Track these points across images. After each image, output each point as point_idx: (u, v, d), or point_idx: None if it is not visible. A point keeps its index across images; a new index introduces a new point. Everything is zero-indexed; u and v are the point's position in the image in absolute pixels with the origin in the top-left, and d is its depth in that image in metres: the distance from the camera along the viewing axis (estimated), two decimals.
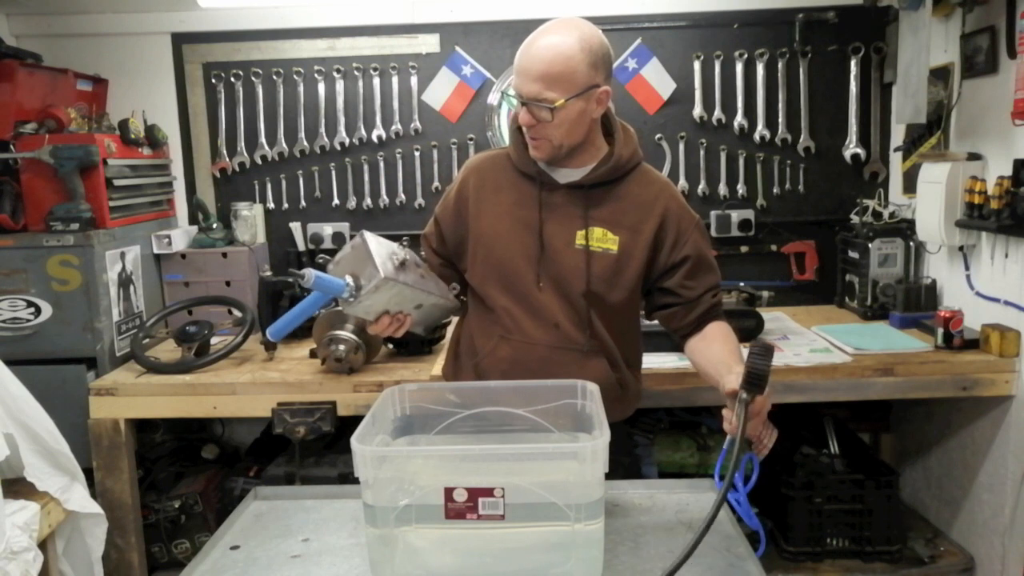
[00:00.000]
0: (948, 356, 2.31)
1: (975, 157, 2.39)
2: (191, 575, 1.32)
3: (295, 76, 3.03)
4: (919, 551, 2.47)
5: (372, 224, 3.02)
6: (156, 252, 2.86)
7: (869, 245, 2.75)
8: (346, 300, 1.44)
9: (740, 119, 2.98)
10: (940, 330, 2.35)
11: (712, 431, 2.76)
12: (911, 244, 2.76)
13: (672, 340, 1.80)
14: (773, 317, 2.76)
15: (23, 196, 2.55)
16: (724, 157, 3.01)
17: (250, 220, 2.98)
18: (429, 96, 3.03)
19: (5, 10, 2.91)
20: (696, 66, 2.96)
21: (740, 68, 2.96)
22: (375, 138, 3.04)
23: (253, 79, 3.03)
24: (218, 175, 3.09)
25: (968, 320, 2.35)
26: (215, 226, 2.98)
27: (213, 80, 3.04)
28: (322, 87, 3.03)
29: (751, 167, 3.02)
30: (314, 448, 2.50)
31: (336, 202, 3.09)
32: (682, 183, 3.01)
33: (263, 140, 3.07)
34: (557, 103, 1.52)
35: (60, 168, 2.48)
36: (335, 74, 3.02)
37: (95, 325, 2.49)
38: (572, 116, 1.55)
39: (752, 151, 3.01)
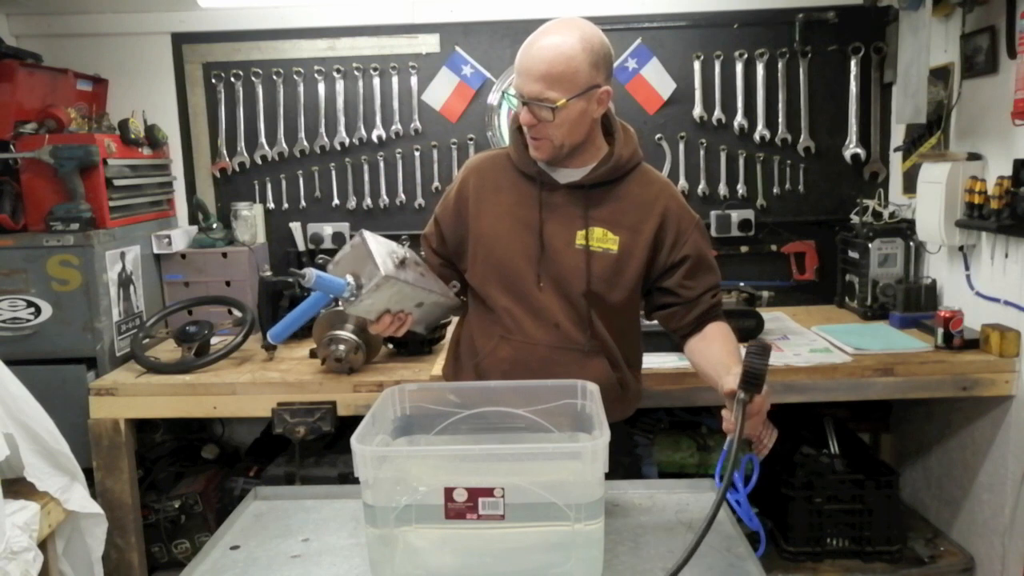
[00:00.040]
0: (948, 356, 2.31)
1: (975, 157, 2.39)
2: (191, 575, 1.32)
3: (295, 76, 3.03)
4: (919, 551, 2.48)
5: (372, 224, 3.02)
6: (156, 252, 2.87)
7: (869, 245, 2.75)
8: (347, 300, 1.44)
9: (740, 119, 2.98)
10: (940, 330, 2.35)
11: (712, 431, 2.76)
12: (911, 244, 2.76)
13: (672, 340, 1.80)
14: (773, 317, 2.76)
15: (23, 196, 2.55)
16: (724, 157, 3.01)
17: (250, 220, 2.98)
18: (429, 96, 3.03)
19: (5, 10, 2.91)
20: (696, 66, 2.96)
21: (740, 68, 2.96)
22: (375, 138, 3.04)
23: (253, 79, 3.03)
24: (218, 175, 3.09)
25: (968, 320, 2.36)
26: (215, 226, 2.98)
27: (213, 80, 3.04)
28: (322, 87, 3.03)
29: (751, 167, 3.02)
30: (314, 448, 2.50)
31: (336, 202, 3.09)
32: (682, 183, 3.01)
33: (263, 140, 3.07)
34: (558, 103, 1.52)
35: (60, 168, 2.48)
36: (335, 74, 3.02)
37: (95, 325, 2.49)
38: (573, 116, 1.55)
39: (752, 151, 3.01)
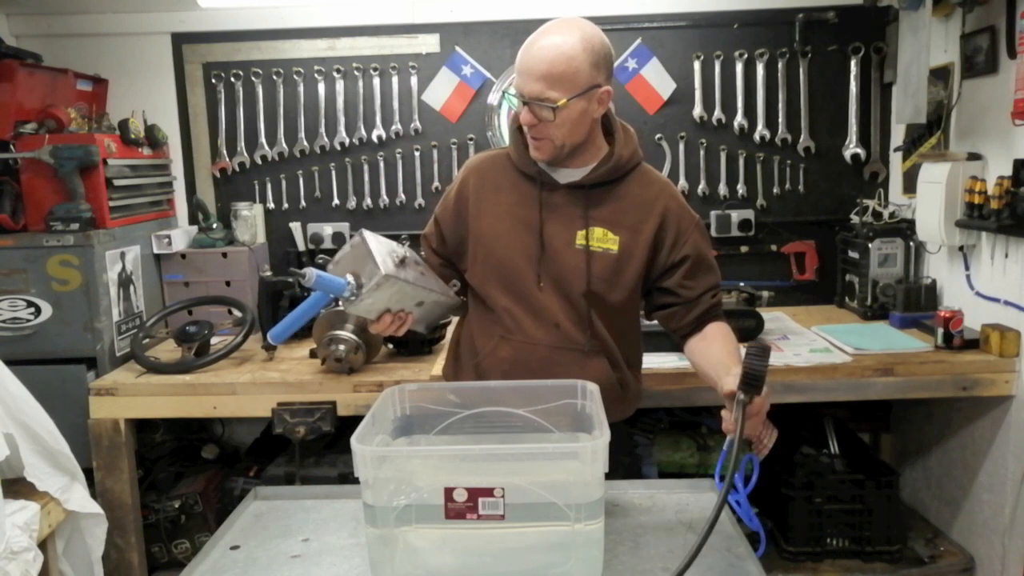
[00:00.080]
0: (948, 356, 2.31)
1: (975, 157, 2.39)
2: (191, 575, 1.32)
3: (295, 76, 3.03)
4: (919, 551, 2.47)
5: (372, 224, 3.02)
6: (156, 252, 2.86)
7: (869, 245, 2.75)
8: (347, 299, 1.44)
9: (740, 119, 2.98)
10: (940, 330, 2.35)
11: (712, 431, 2.76)
12: (911, 244, 2.76)
13: (672, 340, 1.80)
14: (773, 317, 2.76)
15: (23, 196, 2.55)
16: (724, 157, 3.01)
17: (250, 220, 2.98)
18: (429, 96, 3.03)
19: (5, 10, 2.92)
20: (696, 66, 2.96)
21: (740, 68, 2.96)
22: (375, 138, 3.04)
23: (253, 79, 3.03)
24: (218, 175, 3.09)
25: (968, 320, 2.35)
26: (215, 226, 2.98)
27: (213, 80, 3.04)
28: (322, 87, 3.03)
29: (751, 167, 3.02)
30: (314, 448, 2.50)
31: (336, 202, 3.09)
32: (682, 183, 3.01)
33: (263, 140, 3.07)
34: (559, 103, 1.52)
35: (60, 168, 2.48)
36: (335, 74, 3.02)
37: (95, 325, 2.49)
38: (574, 116, 1.55)
39: (752, 151, 3.01)
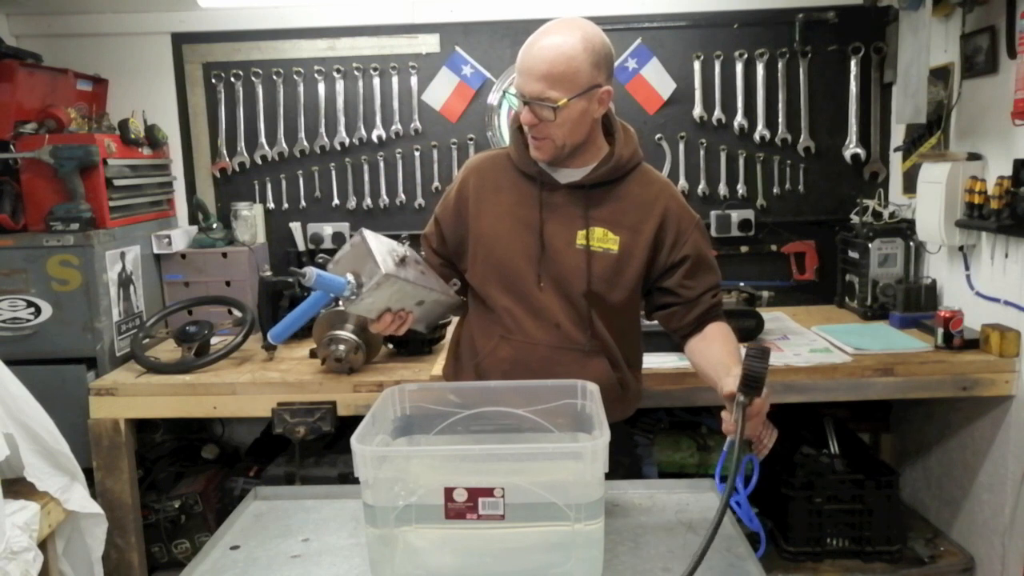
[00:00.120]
0: (948, 356, 2.31)
1: (975, 157, 2.39)
2: (191, 575, 1.32)
3: (295, 76, 3.03)
4: (919, 551, 2.47)
5: (372, 224, 3.02)
6: (156, 252, 2.86)
7: (869, 245, 2.75)
8: (347, 298, 1.44)
9: (740, 119, 2.97)
10: (940, 330, 2.35)
11: (712, 431, 2.76)
12: (911, 244, 2.76)
13: (672, 340, 1.80)
14: (773, 317, 2.76)
15: (23, 196, 2.55)
16: (724, 157, 3.01)
17: (250, 220, 2.98)
18: (429, 96, 3.03)
19: (5, 10, 2.91)
20: (696, 66, 2.96)
21: (740, 68, 2.96)
22: (375, 138, 3.04)
23: (253, 79, 3.03)
24: (218, 175, 3.09)
25: (968, 320, 2.35)
26: (215, 226, 2.97)
27: (213, 80, 3.04)
28: (322, 87, 3.03)
29: (751, 167, 3.02)
30: (314, 448, 2.50)
31: (336, 202, 3.09)
32: (682, 183, 3.01)
33: (263, 140, 3.07)
34: (560, 102, 1.52)
35: (60, 168, 2.48)
36: (335, 74, 3.02)
37: (95, 325, 2.49)
38: (574, 116, 1.55)
39: (752, 151, 3.01)
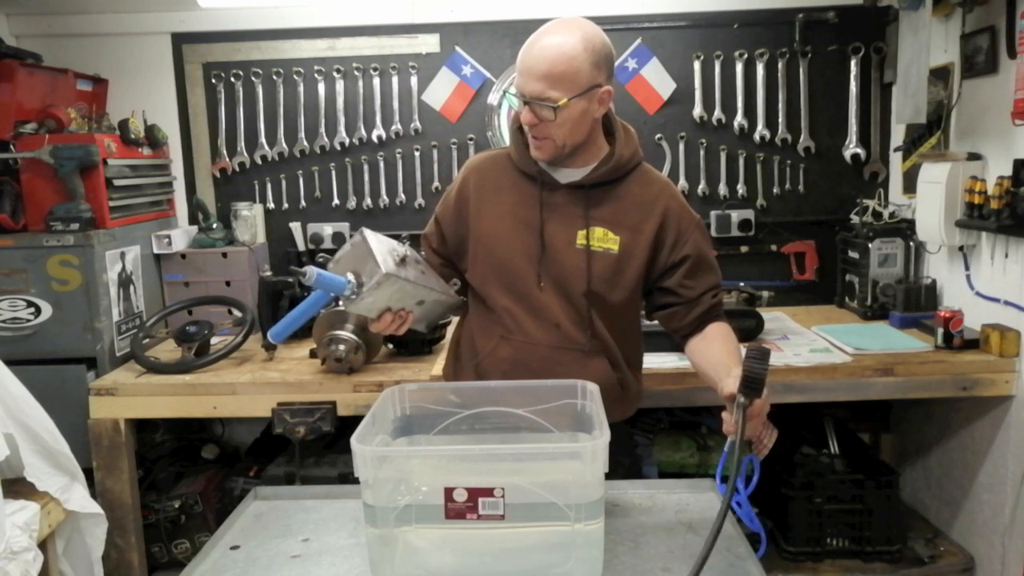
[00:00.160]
0: (948, 356, 2.31)
1: (975, 157, 2.39)
2: (191, 575, 1.32)
3: (295, 76, 3.03)
4: (919, 551, 2.47)
5: (372, 224, 2.99)
6: (156, 252, 2.86)
7: (869, 245, 2.75)
8: (348, 298, 1.44)
9: (740, 119, 2.97)
10: (940, 330, 2.35)
11: (712, 431, 2.76)
12: (911, 244, 2.76)
13: (672, 340, 1.80)
14: (773, 317, 2.75)
15: (23, 196, 2.55)
16: (724, 157, 3.01)
17: (250, 220, 2.98)
18: (429, 96, 3.02)
19: (5, 10, 2.91)
20: (696, 66, 2.96)
21: (740, 68, 2.96)
22: (375, 138, 3.04)
23: (253, 79, 3.03)
24: (218, 175, 3.09)
25: (968, 320, 2.35)
26: (215, 226, 2.97)
27: (213, 80, 3.04)
28: (322, 87, 3.03)
29: (751, 167, 3.02)
30: (314, 448, 2.50)
31: (336, 202, 3.09)
32: (682, 183, 3.01)
33: (263, 140, 3.07)
34: (560, 102, 1.52)
35: (60, 168, 2.48)
36: (335, 74, 3.02)
37: (95, 325, 2.49)
38: (575, 116, 1.55)
39: (752, 151, 3.01)
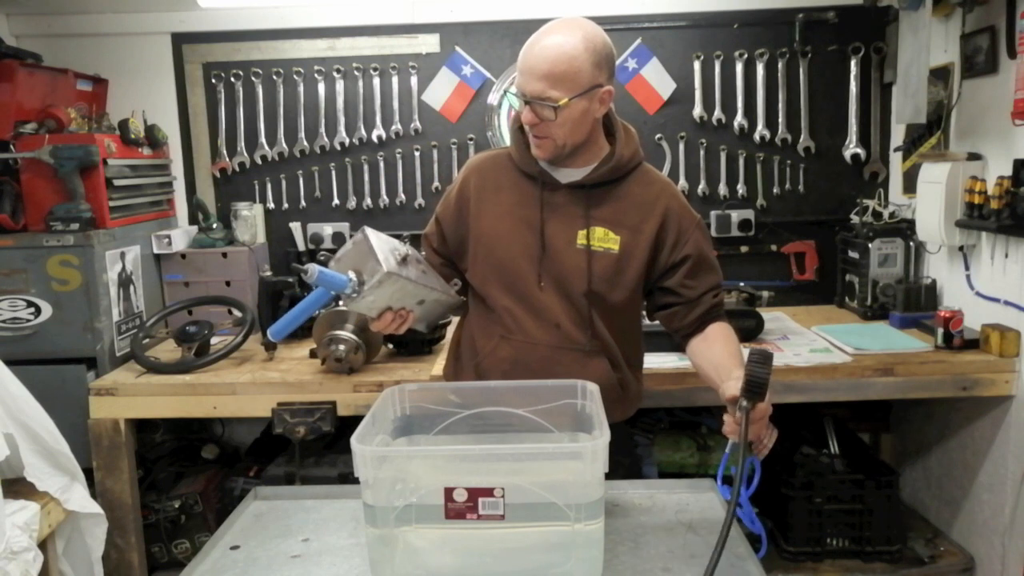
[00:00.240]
0: (948, 356, 2.31)
1: (975, 157, 2.39)
2: (191, 575, 1.32)
3: (295, 76, 3.03)
4: (919, 551, 2.47)
5: (372, 224, 2.97)
6: (156, 252, 2.86)
7: (869, 245, 2.75)
8: (349, 296, 1.44)
9: (740, 119, 2.97)
10: (940, 330, 2.35)
11: (712, 431, 2.76)
12: (911, 244, 2.76)
13: (672, 340, 1.80)
14: (773, 317, 2.75)
15: (23, 196, 2.55)
16: (724, 157, 3.01)
17: (250, 220, 2.98)
18: (429, 96, 3.02)
19: (5, 10, 2.91)
20: (696, 66, 2.96)
21: (740, 68, 2.96)
22: (375, 138, 3.04)
23: (253, 79, 3.03)
24: (218, 175, 3.09)
25: (968, 320, 2.35)
26: (215, 226, 2.97)
27: (213, 80, 3.04)
28: (322, 87, 3.03)
29: (751, 167, 3.02)
30: (314, 448, 2.50)
31: (336, 202, 3.09)
32: (682, 183, 3.01)
33: (263, 140, 3.07)
34: (561, 102, 1.52)
35: (60, 168, 2.48)
36: (335, 74, 3.02)
37: (95, 325, 2.49)
38: (575, 115, 1.55)
39: (752, 151, 3.01)
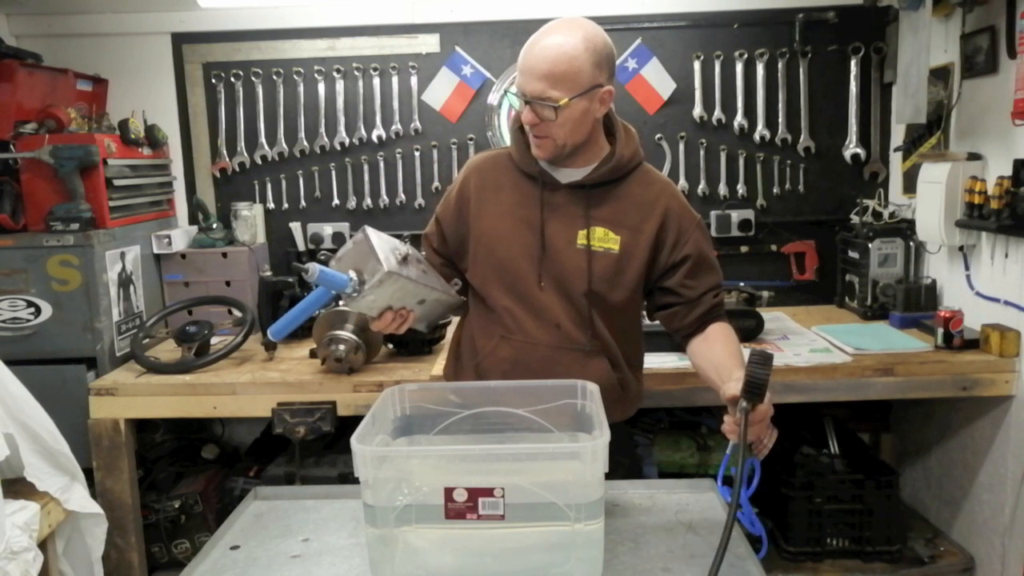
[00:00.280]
0: (948, 356, 2.31)
1: (975, 157, 2.39)
2: (191, 575, 1.32)
3: (295, 76, 3.03)
4: (919, 551, 2.47)
5: (372, 224, 2.95)
6: (156, 252, 2.86)
7: (869, 245, 2.75)
8: (349, 295, 1.43)
9: (740, 119, 2.97)
10: (940, 330, 2.35)
11: (712, 431, 2.76)
12: (911, 244, 2.76)
13: (672, 340, 1.80)
14: (773, 317, 2.75)
15: (23, 196, 2.55)
16: (724, 157, 3.01)
17: (250, 220, 2.98)
18: (429, 96, 3.02)
19: (5, 10, 2.91)
20: (696, 66, 2.96)
21: (740, 68, 2.96)
22: (375, 138, 3.04)
23: (253, 79, 3.03)
24: (218, 175, 3.09)
25: (968, 320, 2.35)
26: (215, 226, 2.97)
27: (213, 80, 3.04)
28: (322, 87, 3.03)
29: (751, 167, 3.02)
30: (314, 448, 2.50)
31: (336, 202, 3.09)
32: (682, 183, 3.01)
33: (263, 140, 3.07)
34: (561, 102, 1.52)
35: (60, 168, 2.48)
36: (335, 74, 3.02)
37: (95, 325, 2.49)
38: (575, 115, 1.55)
39: (752, 151, 3.01)
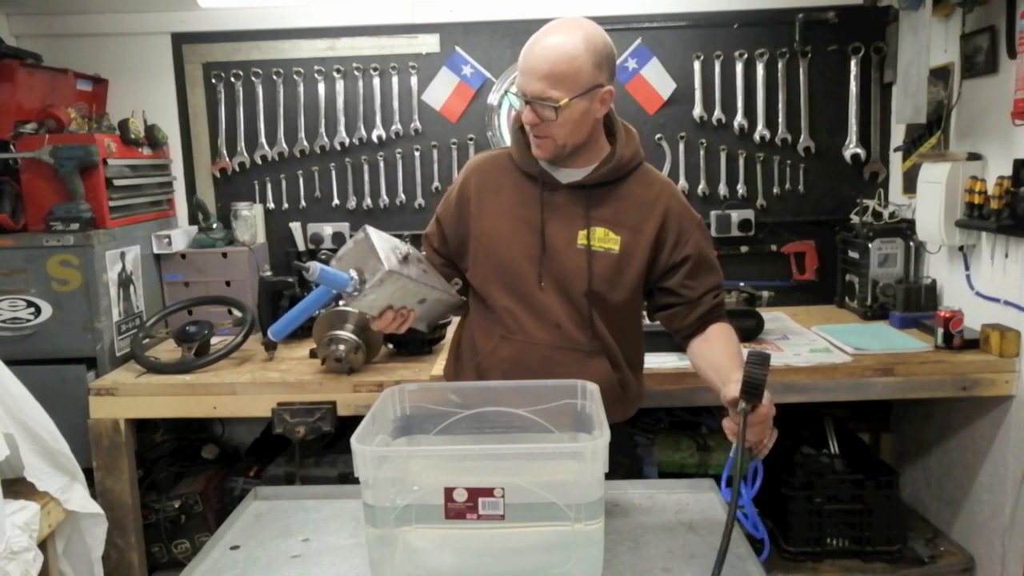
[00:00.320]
0: (948, 356, 2.31)
1: (975, 157, 2.39)
2: (191, 575, 1.32)
3: (295, 76, 3.03)
4: (919, 551, 2.48)
5: (372, 224, 2.97)
6: (156, 252, 2.86)
7: (869, 245, 2.75)
8: (350, 294, 1.44)
9: (740, 119, 2.97)
10: (940, 330, 2.35)
11: (712, 431, 2.76)
12: (911, 244, 2.76)
13: (673, 340, 1.80)
14: (773, 317, 2.76)
15: (23, 196, 2.55)
16: (724, 157, 3.01)
17: (250, 220, 2.98)
18: (429, 96, 3.02)
19: (5, 10, 2.91)
20: (696, 66, 2.96)
21: (740, 68, 2.96)
22: (375, 138, 3.04)
23: (253, 79, 3.03)
24: (218, 175, 3.09)
25: (968, 320, 2.35)
26: (215, 226, 2.97)
27: (213, 80, 3.04)
28: (322, 87, 3.03)
29: (751, 167, 3.02)
30: (314, 448, 2.50)
31: (336, 202, 3.09)
32: (682, 183, 3.01)
33: (263, 140, 3.07)
34: (561, 102, 1.52)
35: (60, 168, 2.48)
36: (335, 74, 3.02)
37: (95, 325, 2.49)
38: (576, 115, 1.55)
39: (752, 151, 3.01)
